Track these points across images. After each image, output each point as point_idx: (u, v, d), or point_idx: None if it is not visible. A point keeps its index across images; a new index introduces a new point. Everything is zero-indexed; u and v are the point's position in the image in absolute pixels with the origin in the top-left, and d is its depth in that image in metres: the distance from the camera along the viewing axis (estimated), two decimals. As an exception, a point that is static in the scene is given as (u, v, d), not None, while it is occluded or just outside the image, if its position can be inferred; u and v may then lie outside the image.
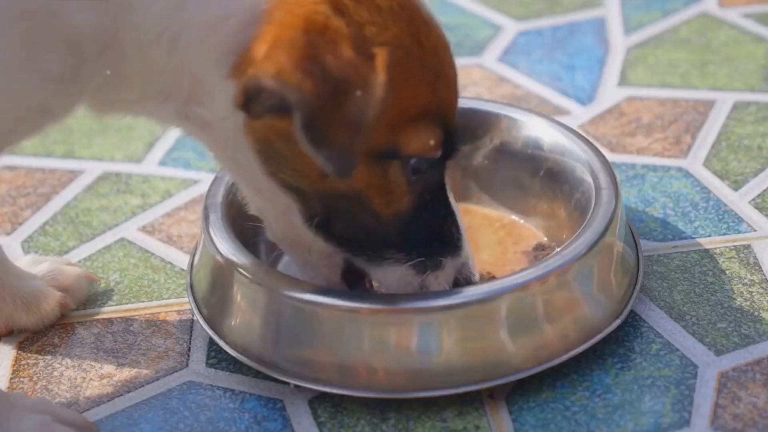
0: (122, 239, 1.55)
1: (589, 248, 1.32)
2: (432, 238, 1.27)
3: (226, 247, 1.36)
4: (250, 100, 1.14)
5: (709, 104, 1.73)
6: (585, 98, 1.76)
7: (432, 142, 1.21)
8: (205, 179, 1.64)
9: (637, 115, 1.72)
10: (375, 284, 1.32)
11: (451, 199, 1.29)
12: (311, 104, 1.11)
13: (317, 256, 1.28)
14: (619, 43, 1.89)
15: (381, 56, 1.14)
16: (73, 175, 1.67)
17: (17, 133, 1.23)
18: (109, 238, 1.55)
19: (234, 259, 1.34)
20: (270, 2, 1.15)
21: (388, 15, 1.17)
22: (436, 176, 1.25)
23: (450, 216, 1.28)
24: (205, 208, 1.40)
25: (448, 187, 1.28)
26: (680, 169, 1.60)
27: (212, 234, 1.37)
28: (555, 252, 1.33)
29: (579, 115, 1.73)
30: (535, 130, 1.49)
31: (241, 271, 1.33)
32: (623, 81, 1.80)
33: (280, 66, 1.11)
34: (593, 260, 1.33)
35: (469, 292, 1.30)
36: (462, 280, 1.29)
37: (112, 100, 1.24)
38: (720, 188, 1.56)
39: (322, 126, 1.13)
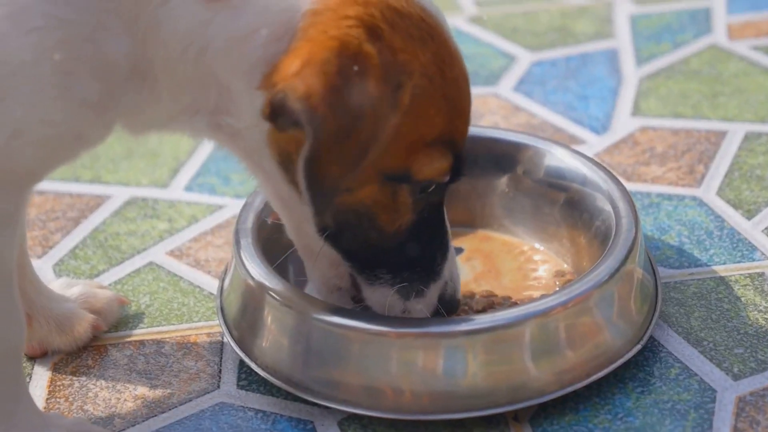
0: (151, 263, 1.59)
1: (611, 275, 1.36)
2: (420, 260, 1.32)
3: (258, 271, 1.40)
4: (276, 113, 1.18)
5: (721, 135, 1.77)
6: (599, 128, 1.81)
7: (443, 168, 1.26)
8: (230, 204, 1.68)
9: (650, 145, 1.76)
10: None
11: (446, 219, 1.34)
12: (323, 138, 1.16)
13: (326, 264, 1.32)
14: (631, 73, 1.93)
15: (408, 87, 1.19)
16: (100, 199, 1.71)
17: (54, 160, 1.26)
18: (138, 261, 1.59)
19: (265, 282, 1.38)
20: (305, 19, 1.19)
21: (419, 43, 1.21)
22: (438, 197, 1.31)
23: (441, 235, 1.32)
24: (236, 233, 1.44)
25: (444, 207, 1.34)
26: (694, 198, 1.64)
27: (244, 258, 1.41)
28: (577, 279, 1.37)
29: (594, 144, 1.77)
30: (556, 159, 1.53)
31: (272, 294, 1.37)
32: (636, 111, 1.84)
33: (310, 89, 1.15)
34: (614, 287, 1.37)
35: (495, 317, 1.34)
36: (445, 300, 1.33)
37: (145, 119, 1.27)
38: (733, 217, 1.61)
39: (321, 158, 1.18)
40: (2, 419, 1.24)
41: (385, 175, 1.25)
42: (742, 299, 1.47)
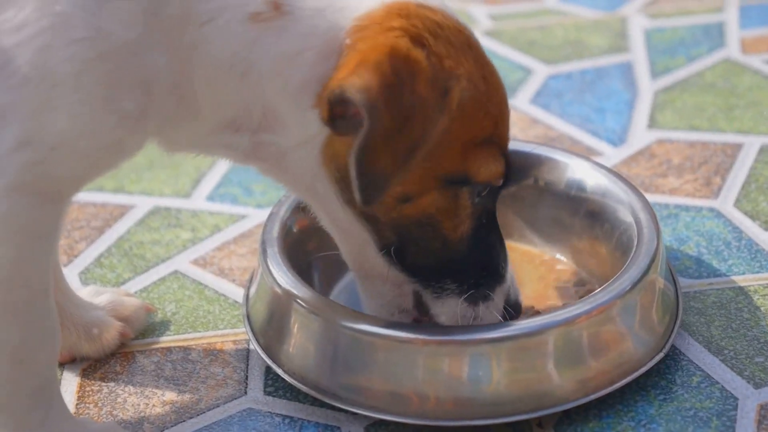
0: (176, 272, 1.61)
1: (633, 285, 1.38)
2: (484, 266, 1.34)
3: (285, 279, 1.41)
4: (334, 115, 1.20)
5: (737, 147, 1.79)
6: (616, 140, 1.83)
7: (499, 171, 1.30)
8: (252, 215, 1.70)
9: (667, 157, 1.78)
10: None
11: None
12: (378, 129, 1.18)
13: (389, 286, 1.34)
14: (646, 87, 1.96)
15: (455, 91, 1.22)
16: (124, 209, 1.73)
17: (94, 171, 1.27)
18: (162, 270, 1.61)
19: (292, 290, 1.40)
20: (351, 36, 1.22)
21: (461, 51, 1.25)
22: (492, 202, 1.33)
23: (499, 240, 1.35)
24: (263, 243, 1.46)
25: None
26: (712, 210, 1.66)
27: (271, 267, 1.43)
28: (600, 288, 1.39)
29: (611, 156, 1.79)
30: (577, 171, 1.55)
31: (300, 302, 1.39)
32: (652, 124, 1.86)
33: (367, 83, 1.18)
34: (637, 296, 1.38)
35: (519, 326, 1.35)
36: (511, 303, 1.36)
37: (182, 135, 1.29)
38: (751, 228, 1.63)
39: (374, 148, 1.19)
40: (37, 424, 1.26)
41: (445, 179, 1.27)
42: (762, 309, 1.49)
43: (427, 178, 1.26)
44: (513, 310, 1.37)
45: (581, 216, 1.55)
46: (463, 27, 1.27)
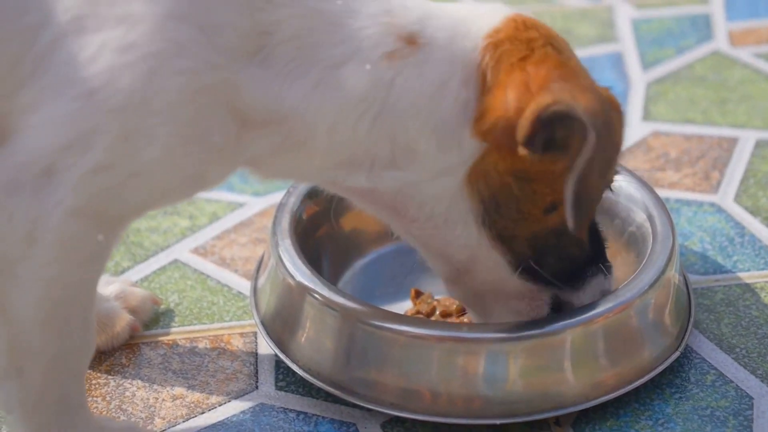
0: (176, 261, 1.58)
1: (652, 284, 1.37)
2: (599, 245, 1.34)
3: (298, 271, 1.39)
4: (536, 135, 1.18)
5: (732, 141, 1.79)
6: (612, 132, 1.82)
7: (616, 171, 1.29)
8: (250, 203, 1.68)
9: (664, 150, 1.78)
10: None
11: None
12: (599, 152, 1.18)
13: (526, 302, 1.31)
14: (638, 78, 1.95)
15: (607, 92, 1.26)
16: (118, 194, 1.69)
17: (168, 200, 1.24)
18: (162, 259, 1.58)
19: (307, 283, 1.38)
20: (487, 55, 1.20)
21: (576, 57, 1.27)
22: None
23: (597, 223, 1.35)
24: (274, 234, 1.44)
25: None
26: (712, 204, 1.66)
27: (284, 259, 1.41)
28: (619, 287, 1.38)
29: (608, 148, 1.78)
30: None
31: (314, 295, 1.37)
32: (647, 116, 1.86)
33: (592, 105, 1.18)
34: (654, 294, 1.38)
35: (537, 324, 1.34)
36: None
37: (285, 166, 1.24)
38: (753, 224, 1.63)
39: (592, 171, 1.19)
40: (61, 428, 1.22)
41: None
42: (770, 307, 1.49)
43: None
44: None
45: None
46: (557, 33, 1.26)
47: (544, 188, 1.24)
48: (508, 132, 1.19)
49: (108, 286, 1.45)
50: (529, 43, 1.20)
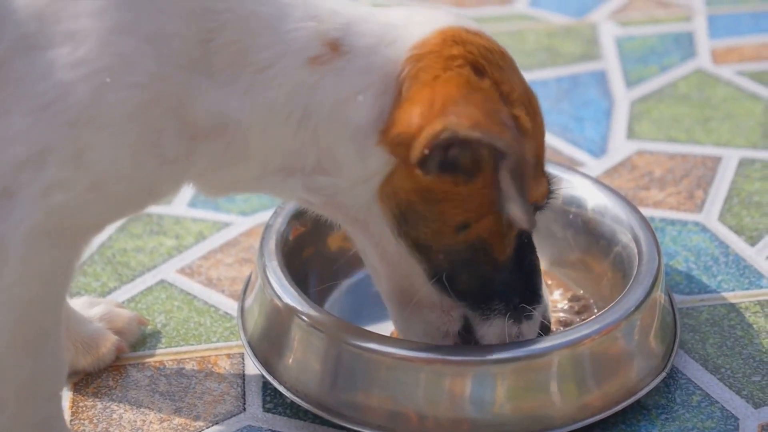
0: (162, 281, 1.58)
1: (638, 305, 1.38)
2: (526, 284, 1.33)
3: (285, 293, 1.39)
4: (431, 157, 1.18)
5: (716, 160, 1.80)
6: (597, 150, 1.83)
7: (546, 191, 1.29)
8: (236, 222, 1.68)
9: (648, 169, 1.79)
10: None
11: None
12: (517, 153, 1.17)
13: (438, 314, 1.32)
14: (622, 96, 1.96)
15: (522, 114, 1.21)
16: (104, 214, 1.69)
17: (122, 214, 1.25)
18: (149, 279, 1.58)
19: (294, 304, 1.38)
20: (408, 66, 1.19)
21: (510, 75, 1.24)
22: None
23: (537, 259, 1.34)
24: (261, 256, 1.44)
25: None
26: (697, 224, 1.67)
27: (271, 280, 1.41)
28: (606, 308, 1.38)
29: (593, 167, 1.79)
30: (574, 187, 1.55)
31: (301, 316, 1.37)
32: (631, 134, 1.87)
33: (474, 118, 1.16)
34: (640, 316, 1.38)
35: (524, 346, 1.35)
36: (544, 325, 1.35)
37: (227, 180, 1.25)
38: (737, 243, 1.64)
39: (524, 176, 1.19)
40: None
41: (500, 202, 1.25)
42: (755, 326, 1.50)
43: (486, 204, 1.24)
44: (544, 328, 1.36)
45: (574, 231, 1.54)
46: (504, 49, 1.26)
47: (452, 209, 1.24)
48: (409, 149, 1.20)
49: (93, 308, 1.45)
50: (447, 61, 1.19)
